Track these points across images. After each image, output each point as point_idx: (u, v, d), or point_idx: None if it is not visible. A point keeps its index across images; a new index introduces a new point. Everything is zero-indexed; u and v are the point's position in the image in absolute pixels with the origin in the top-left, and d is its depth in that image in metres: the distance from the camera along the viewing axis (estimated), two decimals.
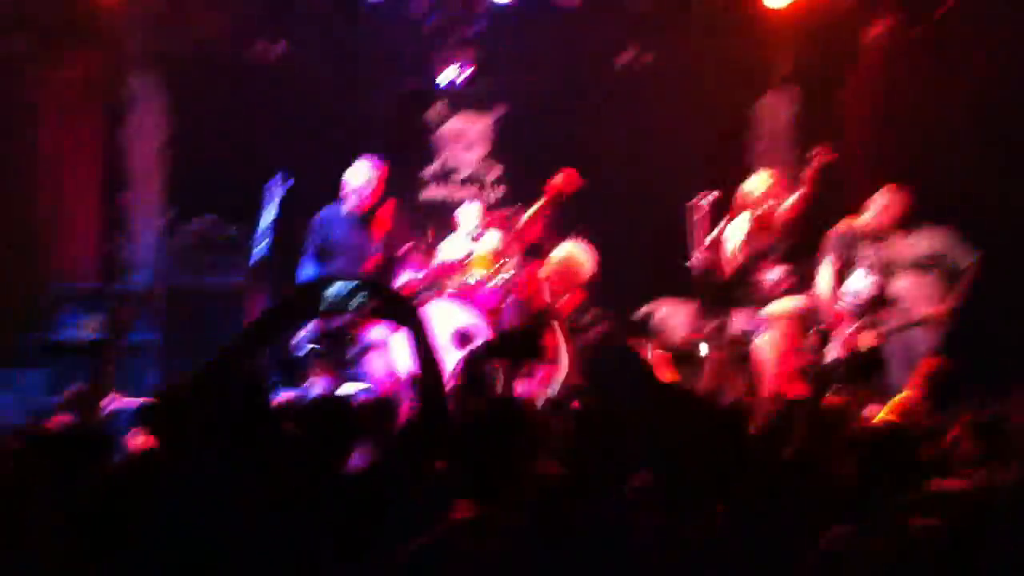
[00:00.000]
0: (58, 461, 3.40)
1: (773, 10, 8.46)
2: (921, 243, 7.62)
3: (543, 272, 6.97)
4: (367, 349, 6.79)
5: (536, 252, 7.31)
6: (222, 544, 2.51)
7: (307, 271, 6.92)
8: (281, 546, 2.55)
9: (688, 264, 7.46)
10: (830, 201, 9.17)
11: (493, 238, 8.55)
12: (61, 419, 4.82)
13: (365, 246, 6.89)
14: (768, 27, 8.83)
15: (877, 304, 7.36)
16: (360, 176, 6.91)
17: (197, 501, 2.61)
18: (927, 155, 8.23)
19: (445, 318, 7.95)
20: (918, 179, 7.99)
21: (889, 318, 7.71)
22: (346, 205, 6.99)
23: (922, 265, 7.59)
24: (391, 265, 7.04)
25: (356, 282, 2.57)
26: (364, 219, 6.94)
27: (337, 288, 2.56)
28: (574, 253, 7.02)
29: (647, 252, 9.63)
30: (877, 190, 8.31)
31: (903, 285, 7.64)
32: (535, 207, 6.84)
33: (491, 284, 7.19)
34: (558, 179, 6.94)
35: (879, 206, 7.48)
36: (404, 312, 2.74)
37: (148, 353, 8.16)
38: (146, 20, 8.99)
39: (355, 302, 2.62)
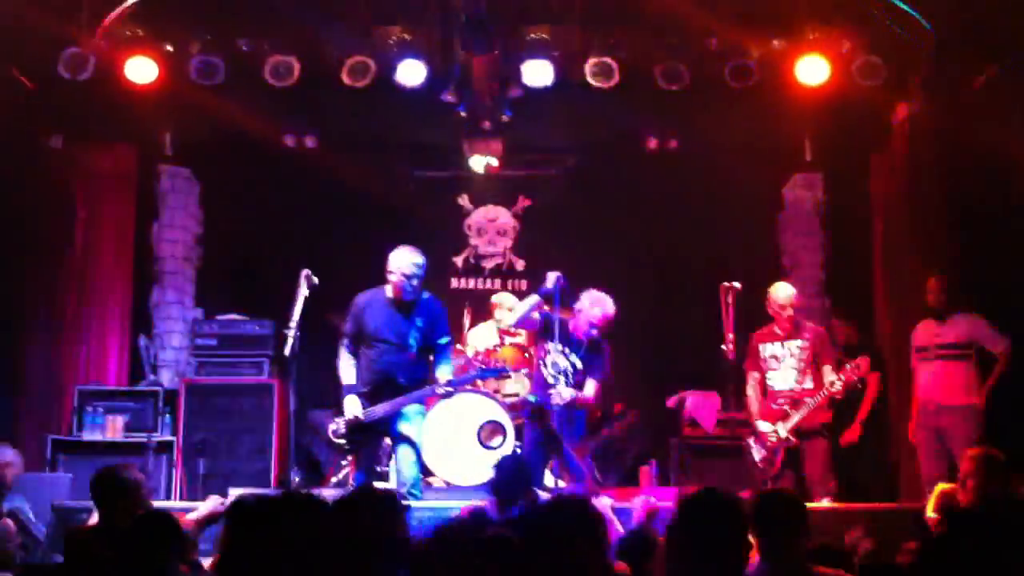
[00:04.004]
0: None
1: (800, 93, 8.45)
2: (954, 330, 7.52)
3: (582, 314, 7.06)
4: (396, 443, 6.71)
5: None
6: None
7: (343, 354, 6.84)
8: None
9: (722, 348, 7.39)
10: (857, 285, 9.14)
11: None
12: None
13: (403, 337, 6.73)
14: (795, 110, 8.82)
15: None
16: (403, 263, 6.78)
17: None
18: (955, 239, 8.13)
19: (472, 411, 7.92)
20: (946, 262, 7.91)
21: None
22: (388, 291, 6.89)
23: (956, 352, 7.49)
24: (423, 357, 6.89)
25: None
26: (404, 308, 6.82)
27: None
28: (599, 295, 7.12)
29: (678, 335, 9.59)
30: (903, 274, 8.24)
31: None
32: (526, 305, 6.99)
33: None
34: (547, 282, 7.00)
35: None
36: None
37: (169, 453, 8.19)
38: (178, 114, 9.13)
39: None
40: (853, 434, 8.21)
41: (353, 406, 6.62)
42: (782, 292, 7.51)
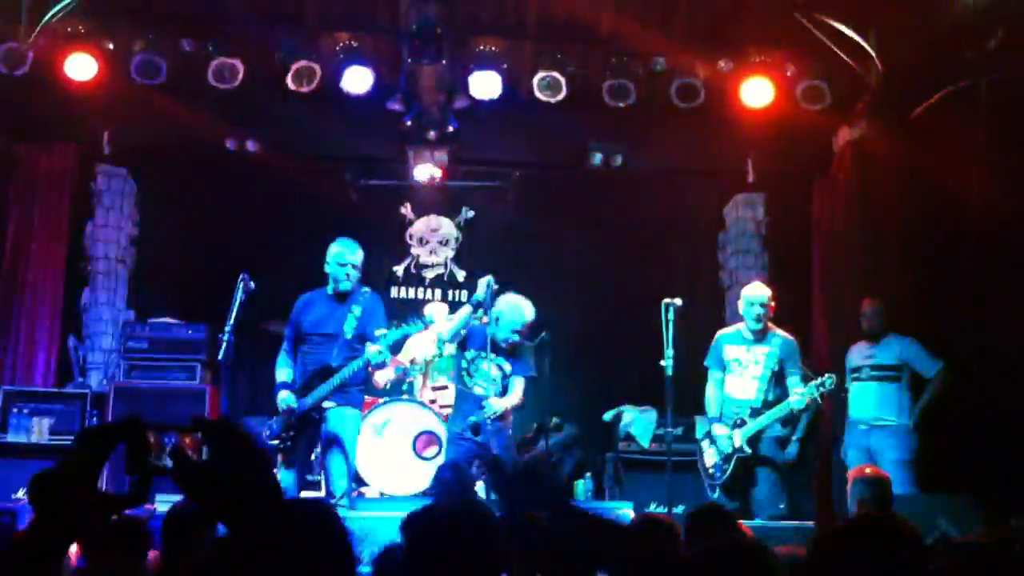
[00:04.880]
0: None
1: (744, 115, 8.53)
2: (887, 352, 7.59)
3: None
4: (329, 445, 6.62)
5: None
6: None
7: (281, 354, 6.77)
8: None
9: (661, 364, 7.32)
10: (796, 306, 9.20)
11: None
12: None
13: (338, 326, 6.62)
14: (739, 131, 8.90)
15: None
16: (338, 252, 6.72)
17: None
18: (893, 263, 8.23)
19: (408, 421, 7.85)
20: (884, 286, 7.99)
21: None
22: (327, 289, 6.77)
23: (887, 373, 7.56)
24: (359, 347, 6.80)
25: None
26: (341, 299, 6.70)
27: None
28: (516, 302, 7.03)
29: (617, 350, 9.59)
30: (842, 296, 8.28)
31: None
32: (461, 319, 6.96)
33: None
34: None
35: None
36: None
37: None
38: (117, 113, 8.97)
39: None
40: (792, 451, 8.23)
41: (284, 400, 6.56)
42: (757, 292, 7.20)
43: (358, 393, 6.77)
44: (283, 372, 6.72)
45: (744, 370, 7.13)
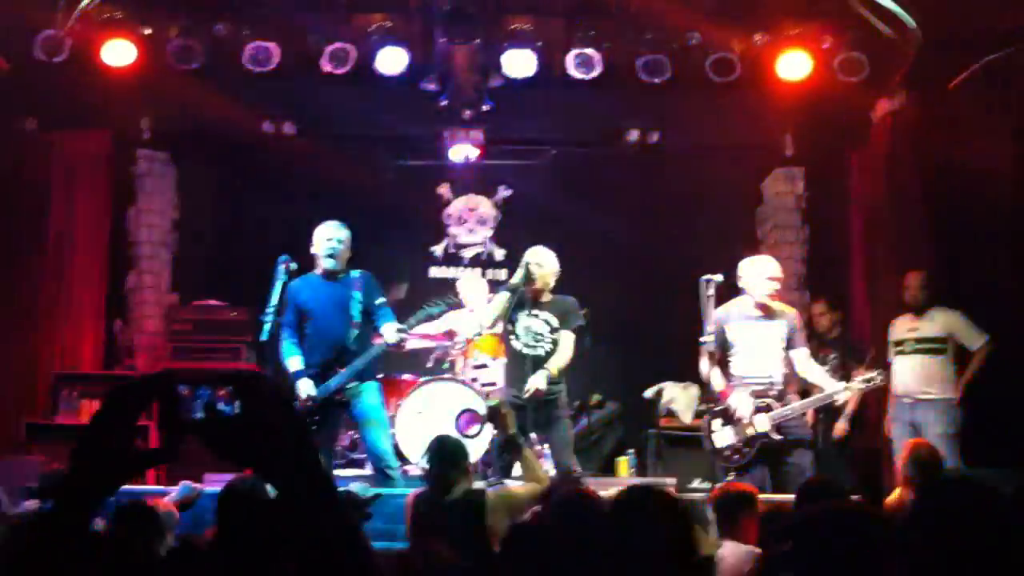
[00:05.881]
0: None
1: (781, 88, 8.45)
2: (931, 324, 7.53)
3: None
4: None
5: None
6: None
7: (285, 343, 6.83)
8: None
9: (700, 341, 7.24)
10: (836, 279, 9.15)
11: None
12: None
13: (344, 308, 6.71)
14: (776, 105, 8.83)
15: None
16: (326, 234, 6.82)
17: None
18: (934, 236, 8.16)
19: (450, 399, 7.89)
20: (923, 258, 7.93)
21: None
22: (317, 271, 6.88)
23: (932, 346, 7.51)
24: (367, 325, 6.88)
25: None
26: (337, 280, 6.80)
27: None
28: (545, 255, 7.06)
29: (657, 327, 9.58)
30: (881, 269, 8.22)
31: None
32: (501, 305, 6.96)
33: None
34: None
35: None
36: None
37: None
38: (156, 98, 9.03)
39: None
40: (839, 431, 8.20)
41: (305, 388, 6.61)
42: (768, 267, 6.88)
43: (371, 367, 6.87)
44: (295, 360, 6.76)
45: (757, 348, 6.81)
